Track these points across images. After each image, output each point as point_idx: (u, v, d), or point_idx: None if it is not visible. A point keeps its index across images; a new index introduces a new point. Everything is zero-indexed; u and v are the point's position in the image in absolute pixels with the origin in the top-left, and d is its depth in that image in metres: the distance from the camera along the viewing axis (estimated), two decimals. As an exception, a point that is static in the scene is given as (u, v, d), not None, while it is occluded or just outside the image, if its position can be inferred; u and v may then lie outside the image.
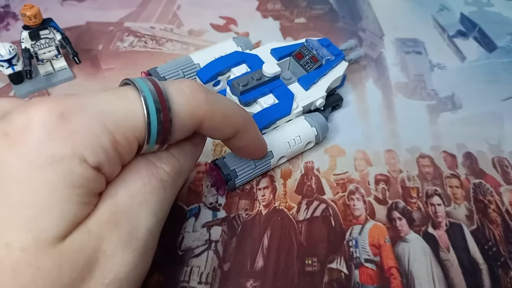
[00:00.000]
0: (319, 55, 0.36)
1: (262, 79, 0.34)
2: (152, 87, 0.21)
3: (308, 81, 0.35)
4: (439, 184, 0.33)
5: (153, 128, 0.20)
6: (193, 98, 0.21)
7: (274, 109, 0.33)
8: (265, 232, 0.30)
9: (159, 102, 0.20)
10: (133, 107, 0.20)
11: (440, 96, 0.40)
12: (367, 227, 0.30)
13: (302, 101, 0.34)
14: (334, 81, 0.36)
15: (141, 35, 0.46)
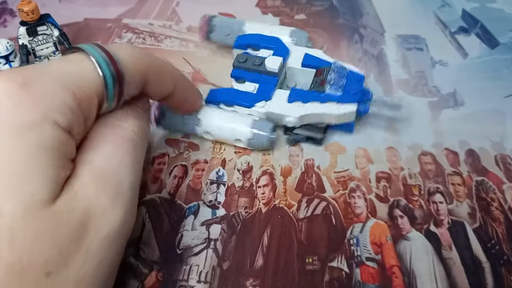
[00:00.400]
0: (329, 81, 0.33)
1: (259, 67, 0.34)
2: (96, 47, 0.23)
3: (296, 95, 0.33)
4: (441, 182, 0.33)
5: (108, 80, 0.22)
6: (134, 52, 0.25)
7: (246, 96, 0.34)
8: (265, 231, 0.30)
9: (107, 57, 0.23)
10: (85, 66, 0.22)
11: (441, 93, 0.39)
12: (368, 225, 0.30)
13: (272, 107, 0.33)
14: (325, 116, 0.33)
15: (139, 32, 0.46)
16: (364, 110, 0.33)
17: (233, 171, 0.33)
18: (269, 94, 0.34)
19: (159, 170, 0.33)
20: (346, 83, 0.33)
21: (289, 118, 0.33)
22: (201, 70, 0.42)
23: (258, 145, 0.33)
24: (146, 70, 0.25)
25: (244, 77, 0.35)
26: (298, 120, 0.33)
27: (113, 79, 0.23)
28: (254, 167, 0.33)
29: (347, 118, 0.33)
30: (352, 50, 0.44)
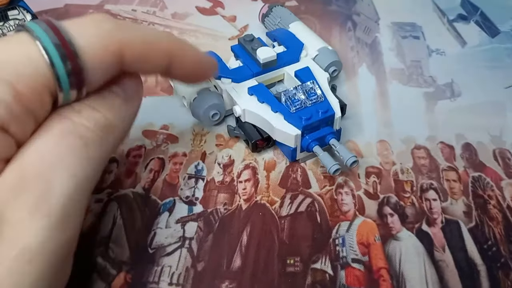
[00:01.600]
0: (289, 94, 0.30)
1: (253, 53, 0.33)
2: (45, 25, 0.18)
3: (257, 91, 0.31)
4: (435, 178, 0.30)
5: (59, 68, 0.18)
6: (99, 28, 0.19)
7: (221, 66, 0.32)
8: (245, 229, 0.28)
9: (57, 38, 0.17)
10: (29, 51, 0.17)
11: (438, 83, 0.37)
12: (356, 224, 0.28)
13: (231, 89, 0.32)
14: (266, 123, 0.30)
15: (122, 18, 0.44)
16: (308, 145, 0.29)
17: (213, 165, 0.31)
18: (241, 78, 0.32)
19: (134, 163, 0.31)
20: (309, 107, 0.29)
21: (236, 107, 0.31)
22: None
23: (194, 113, 0.32)
24: (120, 49, 0.19)
25: (239, 55, 0.34)
26: (243, 113, 0.31)
27: (66, 66, 0.18)
28: (236, 160, 0.31)
29: (285, 139, 0.29)
30: (344, 38, 0.42)
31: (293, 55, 0.34)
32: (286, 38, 0.36)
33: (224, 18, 0.44)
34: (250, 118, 0.31)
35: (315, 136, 0.29)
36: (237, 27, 0.43)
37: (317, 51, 0.34)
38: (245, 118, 0.31)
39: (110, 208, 0.28)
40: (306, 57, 0.35)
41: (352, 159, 0.28)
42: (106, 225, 0.27)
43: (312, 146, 0.29)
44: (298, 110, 0.29)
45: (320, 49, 0.35)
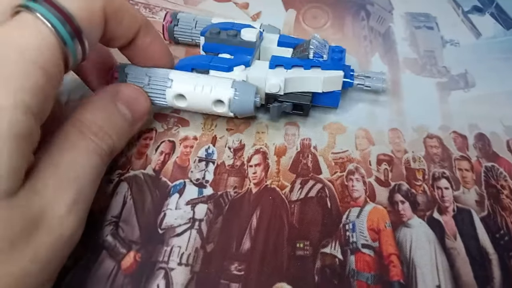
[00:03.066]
0: (312, 48, 0.31)
1: (235, 39, 0.31)
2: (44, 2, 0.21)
3: (278, 61, 0.31)
4: (447, 167, 0.30)
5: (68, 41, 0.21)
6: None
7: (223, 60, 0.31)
8: (254, 212, 0.27)
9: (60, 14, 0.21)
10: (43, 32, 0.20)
11: (451, 73, 0.37)
12: (366, 210, 0.28)
13: (253, 72, 0.30)
14: (310, 81, 0.30)
15: (134, 3, 0.44)
16: (349, 83, 0.32)
17: (223, 149, 0.31)
18: (248, 62, 0.31)
19: (145, 146, 0.31)
20: (329, 52, 0.31)
21: (272, 81, 0.30)
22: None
23: (241, 108, 0.29)
24: (103, 6, 0.23)
25: (218, 50, 0.32)
26: (282, 84, 0.30)
27: (72, 38, 0.21)
28: (246, 145, 0.31)
29: (333, 85, 0.31)
30: (357, 27, 0.41)
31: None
32: (234, 26, 0.33)
33: (236, 5, 0.44)
34: (291, 87, 0.30)
35: (348, 73, 0.32)
36: (249, 14, 0.43)
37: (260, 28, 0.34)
38: (284, 89, 0.30)
39: (121, 188, 0.28)
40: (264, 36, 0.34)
41: (384, 75, 0.33)
42: (116, 205, 0.28)
43: (352, 82, 0.32)
44: (327, 56, 0.31)
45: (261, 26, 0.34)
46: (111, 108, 0.26)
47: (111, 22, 0.24)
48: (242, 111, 0.29)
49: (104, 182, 0.28)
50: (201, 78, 0.29)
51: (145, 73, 0.29)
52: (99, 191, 0.24)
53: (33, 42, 0.20)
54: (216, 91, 0.29)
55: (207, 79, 0.29)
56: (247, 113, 0.30)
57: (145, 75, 0.29)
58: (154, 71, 0.29)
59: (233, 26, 0.33)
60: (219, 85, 0.29)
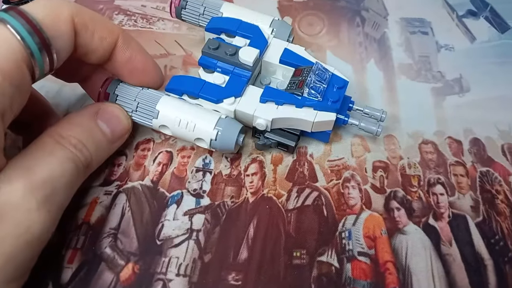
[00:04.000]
0: (308, 83, 0.29)
1: (232, 58, 0.30)
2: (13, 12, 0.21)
3: (270, 95, 0.29)
4: (442, 172, 0.30)
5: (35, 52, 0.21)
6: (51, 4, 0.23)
7: (214, 88, 0.30)
8: (251, 221, 0.28)
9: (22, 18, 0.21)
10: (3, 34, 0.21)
11: (446, 78, 0.37)
12: (362, 218, 0.28)
13: (242, 106, 0.29)
14: (299, 122, 0.29)
15: (131, 14, 0.44)
16: (343, 120, 0.30)
17: (220, 158, 0.31)
18: (239, 90, 0.29)
19: (142, 157, 0.31)
20: (327, 88, 0.29)
21: (260, 120, 0.29)
22: (193, 53, 0.40)
23: (222, 148, 0.29)
24: (71, 15, 0.23)
25: (214, 67, 0.31)
26: (270, 123, 0.29)
27: (40, 49, 0.22)
28: (243, 154, 0.32)
29: (324, 127, 0.30)
30: (352, 33, 0.42)
31: (261, 42, 0.32)
32: (236, 27, 0.33)
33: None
34: (277, 124, 0.29)
35: (344, 110, 0.30)
36: (246, 23, 0.43)
37: (271, 27, 0.33)
38: (272, 127, 0.29)
39: (119, 200, 0.29)
40: (269, 39, 0.33)
41: (384, 114, 0.30)
42: (115, 217, 0.28)
43: (347, 120, 0.30)
44: (323, 96, 0.29)
45: (272, 23, 0.33)
46: (91, 124, 0.26)
47: (83, 33, 0.24)
48: (222, 149, 0.29)
49: (102, 194, 0.29)
50: (186, 112, 0.29)
51: (134, 97, 0.29)
52: (97, 203, 0.25)
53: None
54: (198, 130, 0.28)
55: (192, 114, 0.28)
56: (228, 151, 0.30)
57: (133, 100, 0.29)
58: (142, 96, 0.29)
59: (240, 25, 0.33)
60: (203, 124, 0.28)
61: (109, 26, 0.26)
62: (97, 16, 0.25)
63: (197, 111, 0.29)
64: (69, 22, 0.23)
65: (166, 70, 0.38)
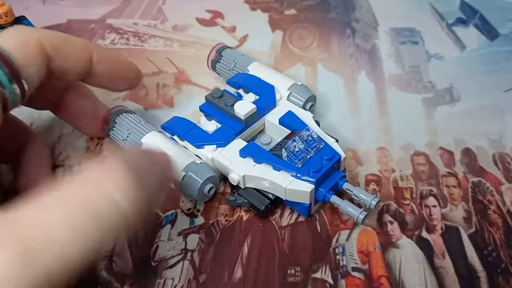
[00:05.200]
0: (290, 148, 0.27)
1: (229, 109, 0.30)
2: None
3: (251, 151, 0.28)
4: (434, 184, 0.31)
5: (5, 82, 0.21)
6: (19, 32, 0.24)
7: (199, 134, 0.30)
8: (245, 240, 0.28)
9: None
10: None
11: (437, 88, 0.37)
12: (356, 233, 0.28)
13: (220, 156, 0.29)
14: (273, 185, 0.27)
15: (123, 32, 0.44)
16: (324, 197, 0.27)
17: (214, 176, 0.31)
18: (225, 140, 0.29)
19: (136, 177, 0.31)
20: (313, 157, 0.27)
21: (233, 174, 0.28)
22: (185, 70, 0.40)
23: (187, 193, 0.28)
24: (40, 42, 0.24)
25: (211, 115, 0.31)
26: (242, 180, 0.28)
27: (9, 79, 0.22)
28: (236, 171, 0.32)
29: (298, 197, 0.27)
30: (343, 45, 0.42)
31: (269, 101, 0.32)
32: (253, 83, 0.33)
33: (224, 28, 0.45)
34: (251, 183, 0.28)
35: (329, 185, 0.27)
36: (237, 38, 0.43)
37: (289, 90, 0.32)
38: (245, 184, 0.28)
39: (114, 222, 0.29)
40: (281, 100, 0.32)
41: (375, 200, 0.26)
42: (109, 239, 0.28)
43: (329, 197, 0.27)
44: (304, 163, 0.27)
45: (291, 87, 0.33)
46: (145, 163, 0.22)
47: (56, 57, 0.25)
48: (187, 195, 0.28)
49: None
50: (166, 147, 0.29)
51: (127, 128, 0.30)
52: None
53: None
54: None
55: (171, 151, 0.28)
56: (193, 198, 0.28)
57: (126, 130, 0.30)
58: (135, 127, 0.30)
59: (257, 82, 0.33)
60: (175, 161, 0.27)
61: (82, 45, 0.27)
62: (68, 38, 0.26)
63: (175, 151, 0.28)
64: (39, 48, 0.24)
65: (159, 88, 0.38)
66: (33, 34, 0.24)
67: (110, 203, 0.18)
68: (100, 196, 0.18)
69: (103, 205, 0.18)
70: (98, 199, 0.18)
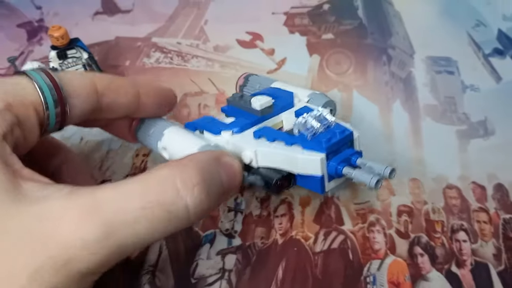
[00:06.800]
0: (299, 123, 0.28)
1: (246, 104, 0.31)
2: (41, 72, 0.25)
3: (264, 132, 0.29)
4: (465, 218, 0.31)
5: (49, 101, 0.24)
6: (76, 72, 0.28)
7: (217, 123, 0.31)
8: (280, 263, 0.29)
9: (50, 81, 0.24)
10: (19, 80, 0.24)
11: (471, 120, 0.38)
12: (387, 263, 0.29)
13: (235, 139, 0.29)
14: (285, 159, 0.28)
15: (167, 51, 0.47)
16: (336, 170, 0.27)
17: (251, 198, 0.33)
18: (241, 128, 0.30)
19: (178, 196, 0.33)
20: (324, 132, 0.27)
21: (246, 152, 0.29)
22: (226, 91, 0.42)
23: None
24: (93, 82, 0.26)
25: (232, 114, 0.32)
26: (253, 156, 0.28)
27: (54, 102, 0.24)
28: (272, 195, 0.33)
29: (309, 168, 0.27)
30: (379, 72, 0.43)
31: (287, 102, 0.32)
32: (273, 92, 0.33)
33: (263, 51, 0.46)
34: (264, 160, 0.28)
35: (341, 158, 0.27)
36: (275, 61, 0.45)
37: (308, 96, 0.33)
38: (258, 162, 0.29)
39: (157, 238, 0.31)
40: (300, 103, 0.33)
41: (388, 169, 0.26)
42: (153, 255, 0.30)
43: (341, 168, 0.27)
44: (314, 137, 0.27)
45: (310, 94, 0.33)
46: (214, 169, 0.25)
47: (107, 93, 0.27)
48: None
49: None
50: (183, 135, 0.30)
51: (152, 126, 0.32)
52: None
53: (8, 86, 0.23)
54: (183, 151, 0.28)
55: (186, 137, 0.30)
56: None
57: (151, 128, 0.32)
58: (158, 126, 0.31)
59: (277, 91, 0.34)
60: (186, 146, 0.29)
61: (129, 81, 0.29)
62: (117, 77, 0.29)
63: (191, 137, 0.30)
64: (90, 84, 0.26)
65: (200, 108, 0.40)
66: (87, 74, 0.28)
67: (181, 206, 0.22)
68: (174, 197, 0.21)
69: (174, 206, 0.21)
70: (172, 200, 0.21)
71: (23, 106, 0.23)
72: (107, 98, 0.27)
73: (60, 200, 0.20)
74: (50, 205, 0.20)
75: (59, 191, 0.20)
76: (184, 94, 0.42)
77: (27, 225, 0.19)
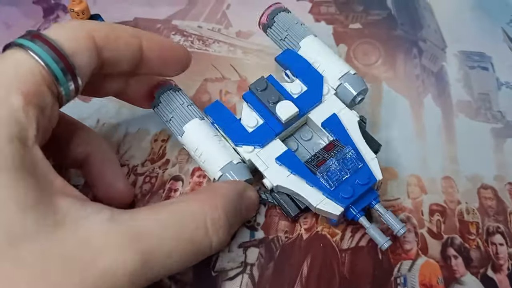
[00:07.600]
0: (326, 169, 0.27)
1: (271, 106, 0.30)
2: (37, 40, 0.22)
3: (287, 160, 0.28)
4: (502, 221, 0.30)
5: (60, 78, 0.22)
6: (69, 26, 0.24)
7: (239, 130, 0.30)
8: (305, 259, 0.28)
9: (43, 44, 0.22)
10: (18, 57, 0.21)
11: (507, 119, 0.36)
12: (418, 264, 0.28)
13: (256, 158, 0.29)
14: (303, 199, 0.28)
15: (188, 35, 0.45)
16: (354, 216, 0.27)
17: (275, 190, 0.32)
18: (263, 142, 0.29)
19: (198, 183, 0.32)
20: (349, 178, 0.27)
21: (266, 181, 0.28)
22: (248, 78, 0.40)
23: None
24: (89, 34, 0.24)
25: (253, 107, 0.31)
26: (275, 188, 0.28)
27: (65, 74, 0.22)
28: (297, 187, 0.32)
29: (327, 213, 0.27)
30: (409, 65, 0.41)
31: (314, 95, 0.31)
32: (302, 69, 0.32)
33: (287, 38, 0.44)
34: (284, 191, 0.28)
35: (360, 206, 0.27)
36: (300, 49, 0.43)
37: (339, 80, 0.31)
38: (277, 190, 0.29)
39: (175, 227, 0.29)
40: (328, 95, 0.31)
41: (403, 230, 0.26)
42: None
43: (358, 218, 0.27)
44: (338, 184, 0.27)
45: (342, 77, 0.31)
46: (237, 204, 0.26)
47: (106, 45, 0.24)
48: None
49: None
50: (205, 142, 0.29)
51: (171, 110, 0.30)
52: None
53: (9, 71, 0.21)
54: (208, 165, 0.29)
55: (208, 147, 0.29)
56: None
57: (170, 113, 0.30)
58: (178, 111, 0.30)
59: (306, 69, 0.32)
60: (212, 162, 0.29)
61: (130, 32, 0.26)
62: (116, 26, 0.26)
63: (214, 146, 0.29)
64: (89, 38, 0.24)
65: (221, 95, 0.39)
66: (82, 26, 0.24)
67: (207, 244, 0.23)
68: (203, 236, 0.23)
69: (202, 244, 0.23)
70: (202, 239, 0.23)
71: (37, 91, 0.21)
72: (106, 52, 0.25)
73: (102, 226, 0.20)
74: (91, 231, 0.20)
75: (97, 214, 0.20)
76: (204, 79, 0.40)
77: (69, 251, 0.19)
